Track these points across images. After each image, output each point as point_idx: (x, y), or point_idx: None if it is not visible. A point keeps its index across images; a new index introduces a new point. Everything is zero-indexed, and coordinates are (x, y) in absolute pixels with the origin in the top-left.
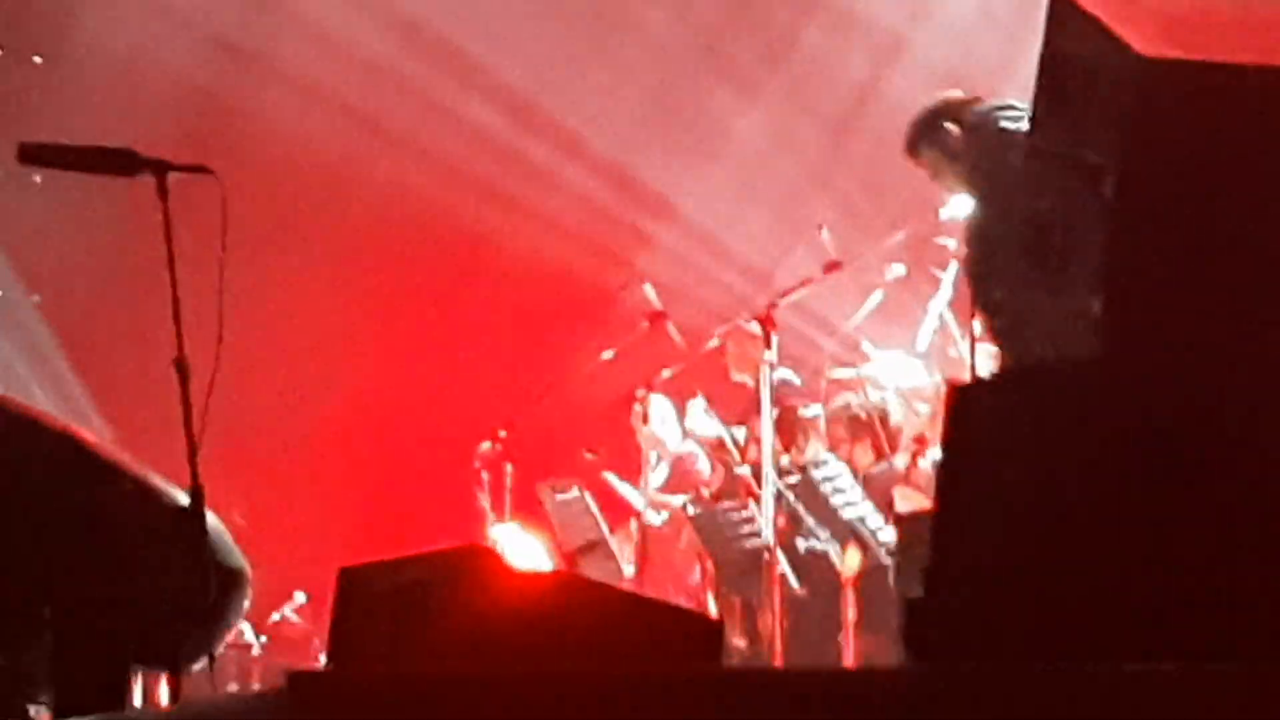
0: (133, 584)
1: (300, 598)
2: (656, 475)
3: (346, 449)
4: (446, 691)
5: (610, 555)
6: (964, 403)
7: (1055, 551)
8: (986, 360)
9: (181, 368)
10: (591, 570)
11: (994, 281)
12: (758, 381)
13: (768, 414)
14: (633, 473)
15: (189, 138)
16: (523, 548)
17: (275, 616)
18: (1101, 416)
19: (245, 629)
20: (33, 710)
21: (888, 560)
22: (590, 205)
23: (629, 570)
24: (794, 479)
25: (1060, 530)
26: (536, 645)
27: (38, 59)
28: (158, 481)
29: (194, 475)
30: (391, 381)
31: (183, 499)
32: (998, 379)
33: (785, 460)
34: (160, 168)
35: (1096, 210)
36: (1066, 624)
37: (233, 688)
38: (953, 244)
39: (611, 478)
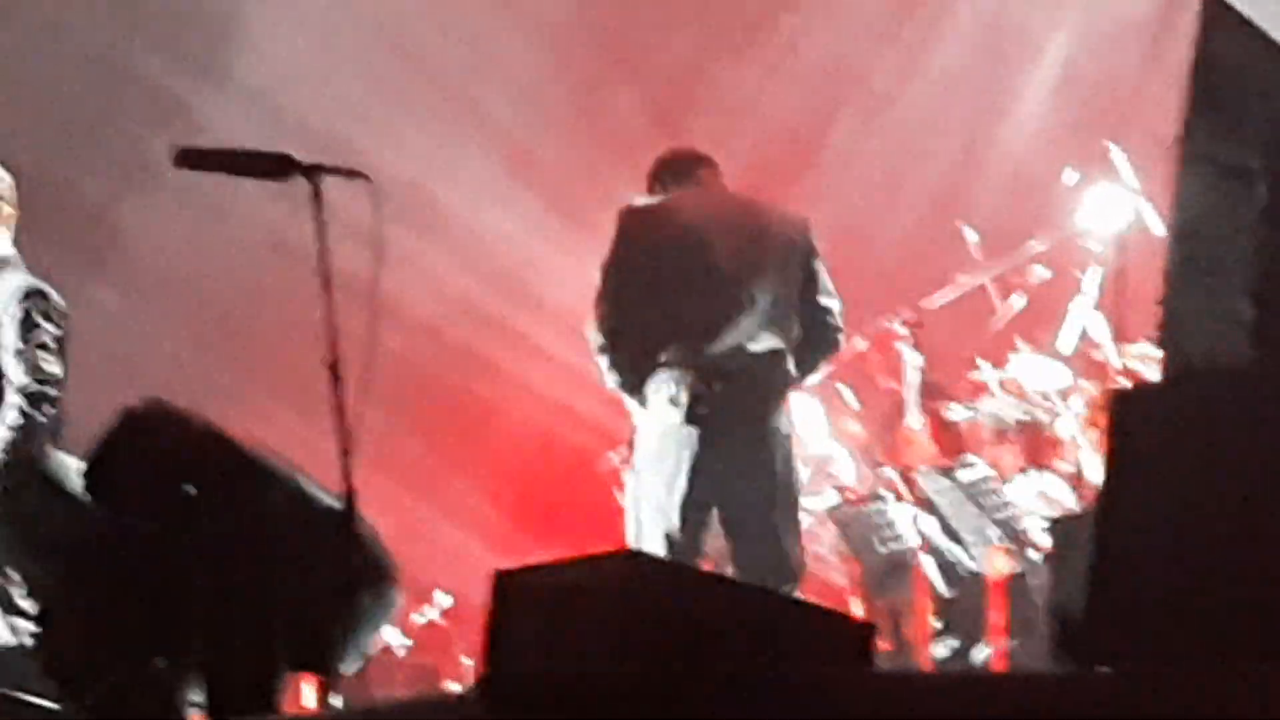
0: (285, 587)
1: (442, 600)
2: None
3: (490, 450)
4: (633, 692)
5: None
6: (1126, 408)
7: (1220, 554)
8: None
9: (334, 370)
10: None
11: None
12: (903, 384)
13: (914, 416)
14: None
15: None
16: None
17: (418, 619)
18: (1261, 421)
19: (389, 631)
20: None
21: (1036, 564)
22: None
23: None
24: (940, 482)
25: (1224, 534)
26: (689, 647)
27: (196, 67)
28: (310, 484)
29: (346, 478)
30: (532, 382)
31: (335, 502)
32: (1158, 385)
33: (931, 463)
34: (314, 172)
35: (1249, 214)
36: (1232, 628)
37: (379, 690)
38: (1096, 246)
39: None
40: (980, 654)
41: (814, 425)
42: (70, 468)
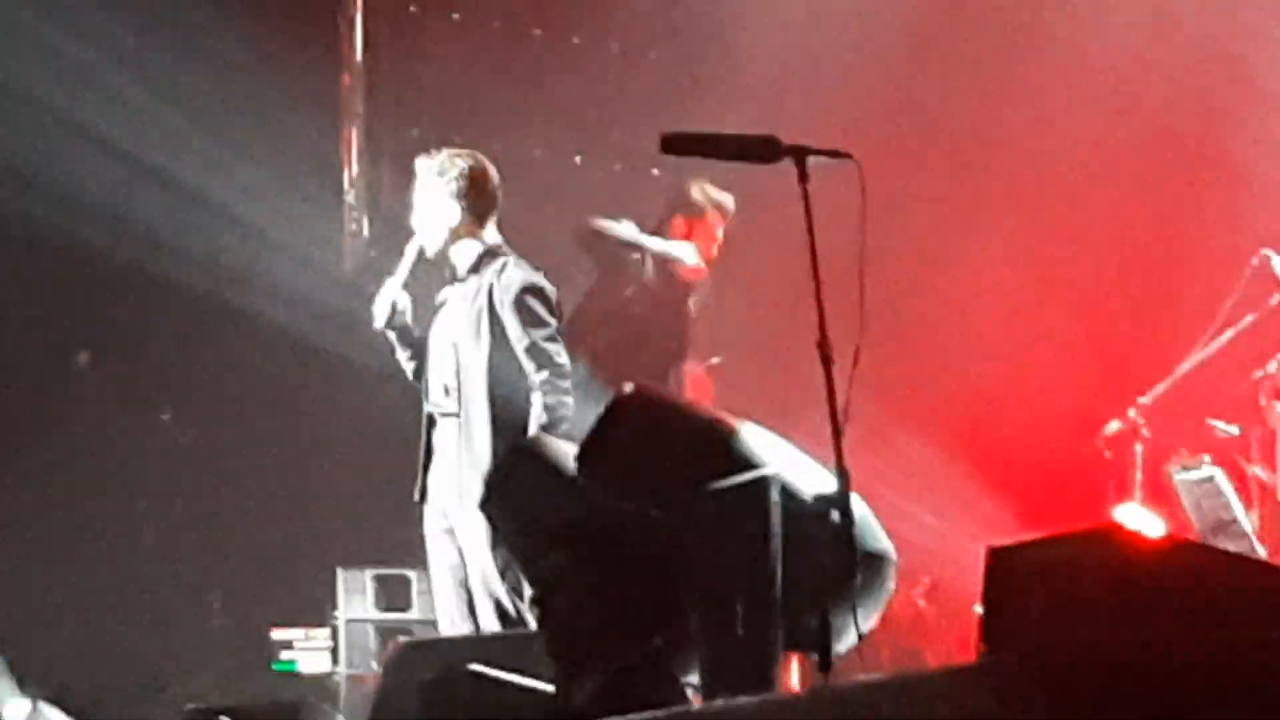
0: (780, 567)
1: (925, 580)
2: None
3: (967, 432)
4: (1136, 663)
5: (1243, 535)
6: None
7: None
8: None
9: (824, 351)
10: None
11: None
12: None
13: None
14: (1267, 452)
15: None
16: (1146, 528)
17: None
18: None
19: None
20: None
21: None
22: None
23: (1263, 551)
24: None
25: None
26: (1183, 620)
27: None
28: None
29: (839, 459)
30: (1014, 362)
31: (829, 483)
32: None
33: None
34: (800, 153)
35: None
36: None
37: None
38: None
39: (1242, 458)
40: None
41: None
42: (565, 452)
